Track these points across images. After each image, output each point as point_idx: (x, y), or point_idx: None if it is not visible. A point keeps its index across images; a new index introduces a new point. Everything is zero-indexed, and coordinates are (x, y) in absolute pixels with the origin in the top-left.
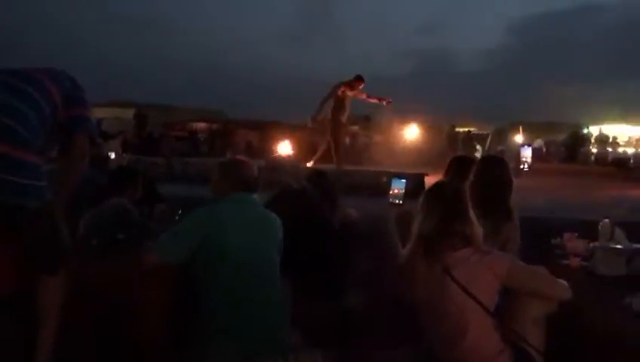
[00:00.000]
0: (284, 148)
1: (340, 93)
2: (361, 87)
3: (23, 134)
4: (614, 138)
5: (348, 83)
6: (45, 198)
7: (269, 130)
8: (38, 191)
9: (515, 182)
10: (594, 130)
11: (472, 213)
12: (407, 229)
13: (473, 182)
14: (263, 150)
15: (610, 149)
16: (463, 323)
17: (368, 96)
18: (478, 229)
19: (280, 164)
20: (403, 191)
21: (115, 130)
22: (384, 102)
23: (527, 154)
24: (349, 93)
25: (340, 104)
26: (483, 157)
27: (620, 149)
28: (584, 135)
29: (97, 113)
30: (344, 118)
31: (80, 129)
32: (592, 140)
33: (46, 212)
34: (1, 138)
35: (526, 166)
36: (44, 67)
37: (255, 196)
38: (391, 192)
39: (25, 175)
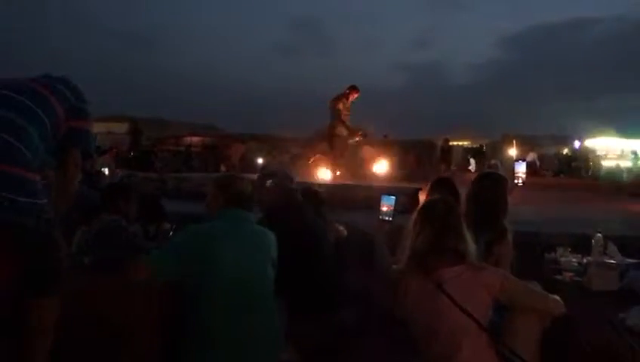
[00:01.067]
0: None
1: (340, 106)
2: (356, 96)
3: (25, 153)
4: (608, 151)
5: (343, 95)
6: (45, 216)
7: (262, 143)
8: (37, 208)
9: (510, 197)
10: (587, 144)
11: (465, 230)
12: (398, 245)
13: (468, 199)
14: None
15: (603, 163)
16: (457, 339)
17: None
18: (471, 246)
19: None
20: (393, 207)
21: (107, 145)
22: (356, 138)
23: (521, 169)
24: (341, 107)
25: (339, 118)
26: (480, 175)
27: (614, 163)
28: (577, 148)
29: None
30: (343, 132)
31: (74, 143)
32: (586, 154)
33: (45, 230)
34: (3, 157)
35: (520, 181)
36: (48, 79)
37: (249, 212)
38: (381, 209)
39: (23, 192)
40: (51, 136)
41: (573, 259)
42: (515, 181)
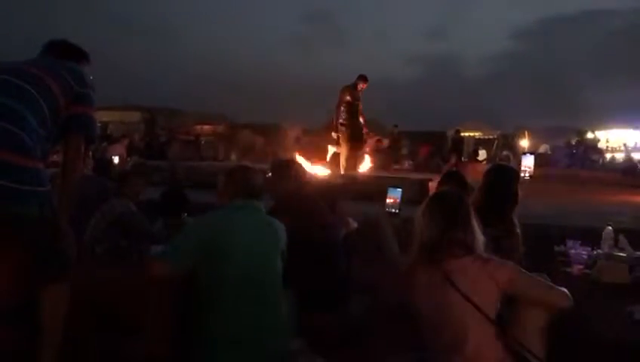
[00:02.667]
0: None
1: (347, 97)
2: (364, 86)
3: (25, 140)
4: (621, 143)
5: (352, 84)
6: (49, 204)
7: (273, 133)
8: (40, 197)
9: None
10: (601, 136)
11: (474, 222)
12: (406, 237)
13: (478, 190)
14: (268, 153)
15: (617, 155)
16: (464, 331)
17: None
18: (480, 237)
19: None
20: (399, 200)
21: (119, 134)
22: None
23: (528, 163)
24: (348, 98)
25: (349, 108)
26: (491, 167)
27: (627, 155)
28: (591, 141)
29: (103, 116)
30: (355, 122)
31: (76, 129)
32: (599, 146)
33: (49, 219)
34: (4, 145)
35: (527, 175)
36: (46, 61)
37: (260, 203)
38: (387, 201)
39: (25, 180)
40: (51, 122)
41: (583, 252)
42: (522, 175)
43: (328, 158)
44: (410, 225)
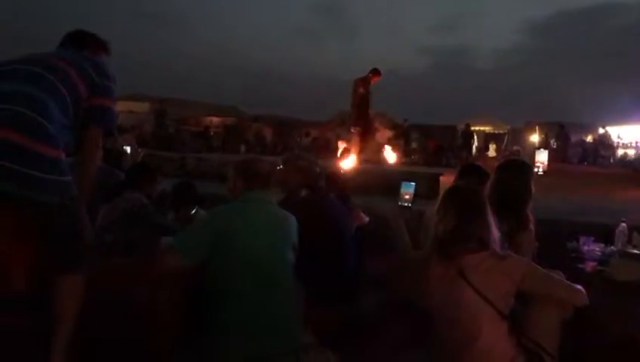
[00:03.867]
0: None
1: (361, 90)
2: (377, 80)
3: (49, 129)
4: (633, 139)
5: (365, 78)
6: (70, 194)
7: (283, 125)
8: (61, 186)
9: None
10: (613, 132)
11: (490, 217)
12: (418, 230)
13: (491, 185)
14: (277, 146)
15: (629, 151)
16: (476, 327)
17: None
18: (495, 233)
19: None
20: (413, 194)
21: (129, 124)
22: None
23: (542, 158)
24: (362, 90)
25: (359, 101)
26: (504, 161)
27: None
28: (602, 136)
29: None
30: (367, 116)
31: (95, 121)
32: (610, 142)
33: (69, 208)
34: (21, 130)
35: (540, 170)
36: (70, 53)
37: (270, 194)
38: (401, 195)
39: (46, 169)
40: (72, 114)
41: (597, 249)
42: (536, 170)
43: (339, 153)
44: (423, 219)
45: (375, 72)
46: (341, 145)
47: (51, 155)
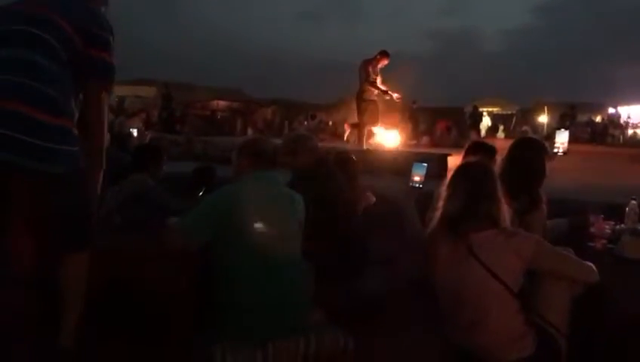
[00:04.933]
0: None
1: (369, 70)
2: (385, 63)
3: (53, 97)
4: None
5: (373, 59)
6: (77, 165)
7: (289, 108)
8: (68, 156)
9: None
10: (622, 112)
11: (500, 194)
12: (426, 211)
13: (505, 162)
14: (283, 129)
15: (638, 131)
16: (486, 304)
17: (382, 82)
18: (505, 210)
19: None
20: (424, 175)
21: (136, 108)
22: (394, 96)
23: (562, 138)
24: (370, 70)
25: (367, 81)
26: (518, 140)
27: None
28: (611, 116)
29: (119, 91)
30: (372, 96)
31: (96, 77)
32: (620, 122)
33: (76, 180)
34: (26, 101)
35: (560, 151)
36: (60, 1)
37: (276, 174)
38: (412, 176)
39: (52, 138)
40: (71, 66)
41: (607, 226)
42: (555, 150)
43: (346, 135)
44: (432, 199)
45: (383, 53)
46: (348, 128)
47: (58, 124)
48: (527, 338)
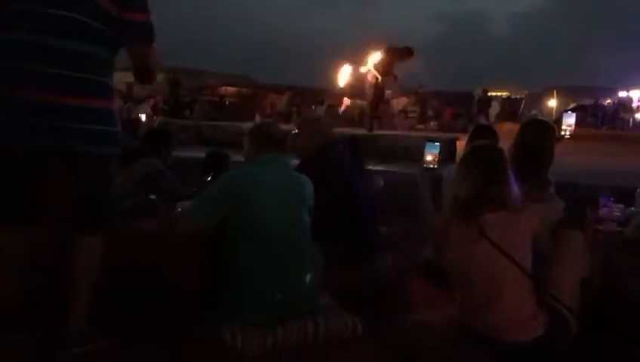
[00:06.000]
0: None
1: (385, 61)
2: (410, 59)
3: (93, 80)
4: None
5: (396, 53)
6: (117, 146)
7: (297, 94)
8: (118, 137)
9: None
10: (634, 95)
11: (510, 176)
12: (438, 193)
13: (514, 144)
14: (292, 114)
15: None
16: (499, 284)
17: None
18: (516, 191)
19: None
20: (437, 155)
21: (144, 94)
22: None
23: (570, 121)
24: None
25: (381, 69)
26: (528, 121)
27: None
28: (621, 100)
29: (127, 77)
30: (384, 84)
31: (141, 37)
32: (631, 106)
33: (107, 164)
34: (78, 92)
35: (567, 133)
36: None
37: (286, 157)
38: (425, 157)
39: (106, 121)
40: (103, 34)
41: (616, 210)
42: (562, 133)
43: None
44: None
45: (407, 50)
46: (355, 112)
47: (103, 107)
48: (540, 319)
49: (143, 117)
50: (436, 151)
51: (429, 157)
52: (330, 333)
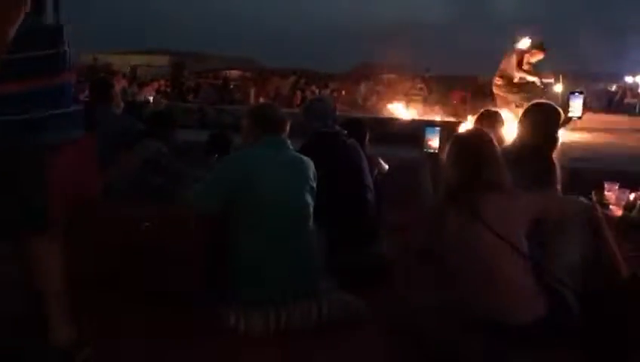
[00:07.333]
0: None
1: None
2: (540, 57)
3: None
4: None
5: (524, 51)
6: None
7: (301, 78)
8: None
9: (561, 130)
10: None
11: (500, 159)
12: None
13: (519, 128)
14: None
15: None
16: (496, 266)
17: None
18: (507, 176)
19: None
20: (438, 139)
21: (148, 78)
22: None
23: (577, 102)
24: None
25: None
26: (531, 105)
27: None
28: (629, 85)
29: (132, 60)
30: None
31: None
32: (637, 90)
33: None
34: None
35: (575, 115)
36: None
37: (286, 138)
38: (425, 141)
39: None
40: None
41: (622, 194)
42: (570, 115)
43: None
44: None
45: (538, 47)
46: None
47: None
48: (541, 299)
49: (151, 99)
50: (436, 135)
51: (429, 142)
52: (332, 315)
